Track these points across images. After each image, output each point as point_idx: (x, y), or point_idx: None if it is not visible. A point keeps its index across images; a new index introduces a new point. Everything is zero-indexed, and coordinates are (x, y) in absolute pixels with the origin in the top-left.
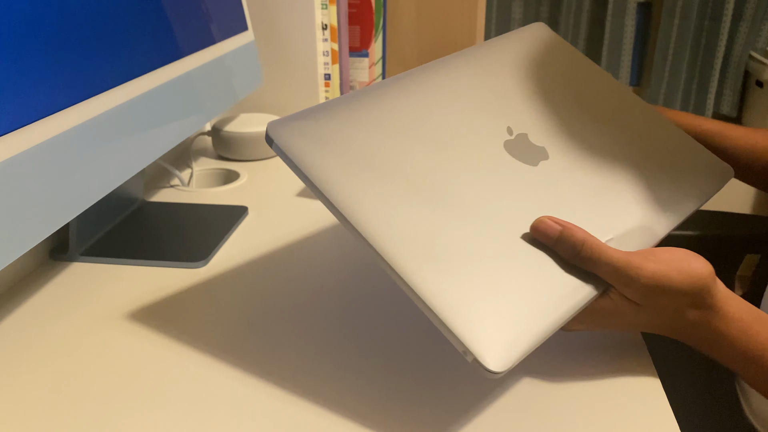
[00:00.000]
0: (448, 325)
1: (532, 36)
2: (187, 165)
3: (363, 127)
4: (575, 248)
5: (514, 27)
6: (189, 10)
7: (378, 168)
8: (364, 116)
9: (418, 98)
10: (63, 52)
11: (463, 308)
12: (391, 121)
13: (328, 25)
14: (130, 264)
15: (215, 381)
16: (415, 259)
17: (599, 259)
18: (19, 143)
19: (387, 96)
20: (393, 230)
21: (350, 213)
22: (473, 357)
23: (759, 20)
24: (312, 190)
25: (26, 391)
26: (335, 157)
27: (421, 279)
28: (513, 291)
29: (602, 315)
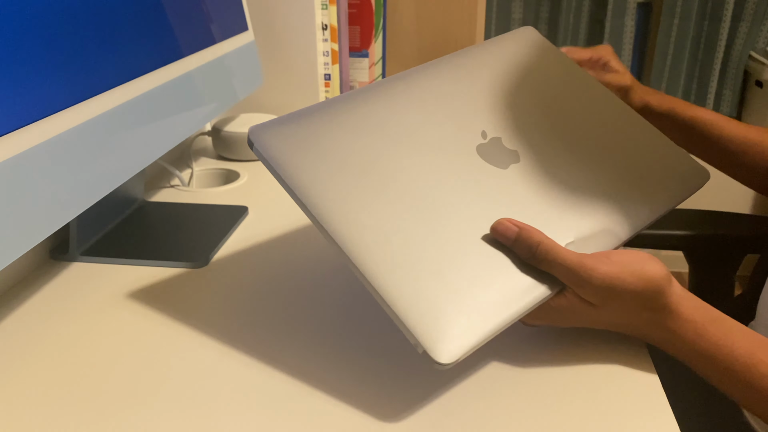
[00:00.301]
0: (401, 318)
1: (519, 40)
2: (187, 165)
3: (341, 131)
4: (531, 249)
5: (514, 27)
6: (189, 11)
7: (350, 169)
8: (343, 120)
9: (397, 103)
10: (63, 52)
11: (416, 302)
12: (369, 125)
13: (328, 26)
14: (131, 264)
15: (215, 380)
16: (375, 255)
17: (554, 260)
18: (20, 143)
19: (367, 101)
20: (356, 228)
21: (318, 212)
22: (423, 349)
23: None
24: (285, 188)
25: (27, 391)
26: (310, 160)
27: (378, 274)
28: (468, 287)
29: (559, 313)
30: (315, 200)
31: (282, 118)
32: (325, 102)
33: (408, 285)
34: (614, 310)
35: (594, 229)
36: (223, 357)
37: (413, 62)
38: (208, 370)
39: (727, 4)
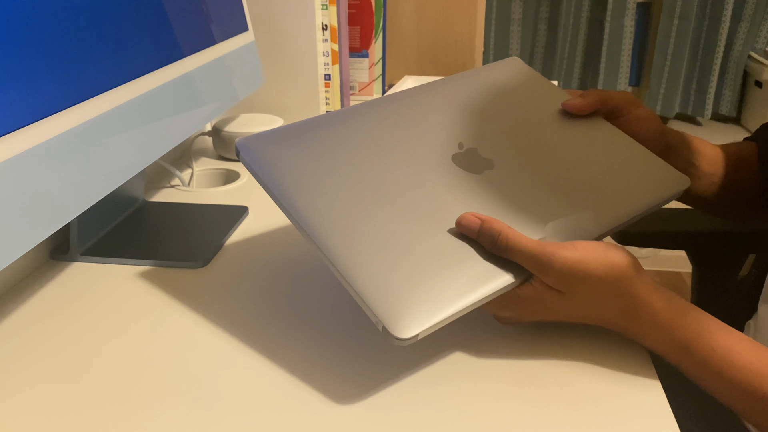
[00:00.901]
0: (362, 296)
1: (504, 69)
2: (187, 165)
3: (322, 142)
4: (493, 238)
5: (514, 27)
6: (190, 11)
7: (326, 170)
8: (325, 133)
9: (378, 120)
10: (64, 52)
11: (378, 283)
12: (349, 138)
13: (328, 26)
14: (131, 264)
15: (215, 380)
16: (340, 240)
17: (515, 247)
18: (21, 143)
19: (351, 119)
20: (323, 216)
21: (288, 202)
22: (382, 326)
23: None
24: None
25: (27, 391)
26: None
27: (342, 257)
28: (432, 272)
29: (526, 302)
30: (288, 193)
31: (267, 131)
32: (308, 119)
33: (371, 267)
34: (581, 297)
35: (565, 227)
36: (223, 356)
37: (413, 62)
38: (208, 369)
39: (727, 4)
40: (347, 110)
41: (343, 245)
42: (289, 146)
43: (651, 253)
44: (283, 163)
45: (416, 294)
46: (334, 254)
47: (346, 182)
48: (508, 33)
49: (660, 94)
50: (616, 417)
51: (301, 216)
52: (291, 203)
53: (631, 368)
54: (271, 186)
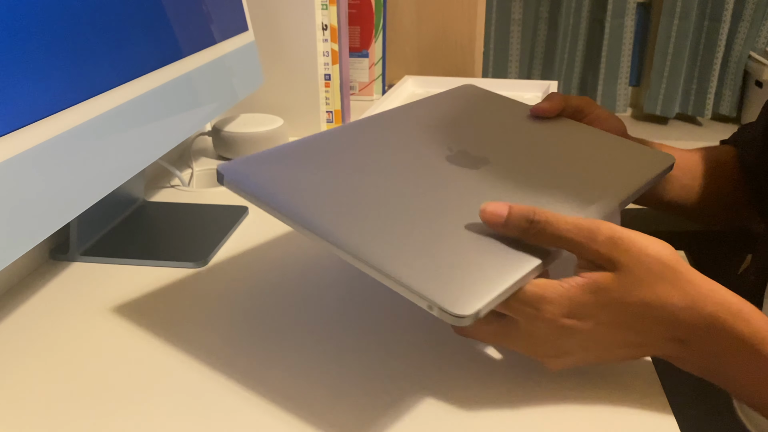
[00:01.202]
0: (408, 285)
1: (463, 93)
2: (187, 165)
3: (315, 161)
4: (527, 218)
5: (514, 27)
6: (189, 11)
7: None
8: (314, 154)
9: (360, 139)
10: (64, 52)
11: (421, 270)
12: (341, 154)
13: (328, 26)
14: (131, 264)
15: (215, 381)
16: (367, 240)
17: (556, 221)
18: (20, 143)
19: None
20: (344, 224)
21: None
22: (438, 307)
23: (758, 21)
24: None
25: (26, 391)
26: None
27: (374, 253)
28: (468, 255)
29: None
30: (296, 205)
31: (245, 156)
32: (285, 144)
33: (408, 258)
34: (637, 276)
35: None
36: (223, 357)
37: (413, 62)
38: (208, 369)
39: (727, 4)
40: (322, 135)
41: (371, 242)
42: (277, 164)
43: None
44: (279, 179)
45: (464, 274)
46: (365, 252)
47: (350, 189)
48: (508, 33)
49: (660, 94)
50: (614, 413)
51: (318, 224)
52: (302, 214)
53: (629, 363)
54: (273, 201)
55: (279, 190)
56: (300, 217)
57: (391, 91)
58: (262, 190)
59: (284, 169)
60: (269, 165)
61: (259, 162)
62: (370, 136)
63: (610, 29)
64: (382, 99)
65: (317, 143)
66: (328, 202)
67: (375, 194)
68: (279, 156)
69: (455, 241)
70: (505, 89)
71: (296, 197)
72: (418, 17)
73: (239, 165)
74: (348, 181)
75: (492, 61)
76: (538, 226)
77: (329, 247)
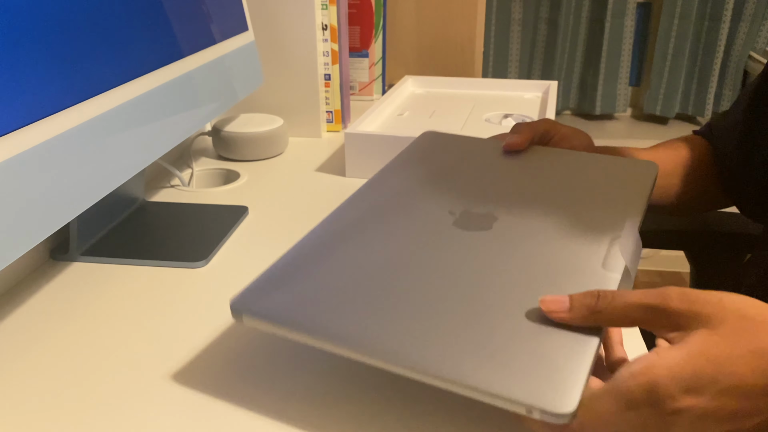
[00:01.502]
0: (500, 394)
1: (425, 142)
2: (187, 165)
3: (326, 265)
4: (592, 293)
5: (514, 27)
6: (189, 11)
7: (355, 294)
8: (320, 255)
9: (359, 227)
10: (64, 52)
11: (499, 371)
12: (349, 251)
13: (328, 26)
14: (131, 264)
15: (215, 381)
16: (431, 352)
17: (622, 292)
18: (21, 143)
19: (335, 232)
20: (392, 338)
21: (348, 342)
22: (540, 410)
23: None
24: (305, 343)
25: (26, 391)
26: (311, 300)
27: (443, 366)
28: (530, 343)
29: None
30: (344, 332)
31: (256, 281)
32: (287, 254)
33: (478, 360)
34: (733, 326)
35: (600, 245)
36: (223, 357)
37: (413, 62)
38: (209, 369)
39: (727, 4)
40: (317, 231)
41: (436, 354)
42: (292, 282)
43: (651, 253)
44: (303, 299)
45: (544, 368)
46: (433, 367)
47: (381, 292)
48: (508, 33)
49: (660, 94)
50: None
51: (373, 346)
52: (350, 337)
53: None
54: (312, 328)
55: (310, 313)
56: (350, 342)
57: (391, 91)
58: (293, 318)
59: (302, 286)
60: (285, 286)
61: (271, 286)
62: (367, 222)
63: (610, 29)
64: (382, 99)
65: (317, 243)
66: (368, 315)
67: (407, 292)
68: (288, 271)
69: (509, 331)
70: (505, 89)
71: (332, 317)
72: (418, 17)
73: (253, 296)
74: (373, 282)
75: (492, 61)
76: (605, 300)
77: (393, 368)
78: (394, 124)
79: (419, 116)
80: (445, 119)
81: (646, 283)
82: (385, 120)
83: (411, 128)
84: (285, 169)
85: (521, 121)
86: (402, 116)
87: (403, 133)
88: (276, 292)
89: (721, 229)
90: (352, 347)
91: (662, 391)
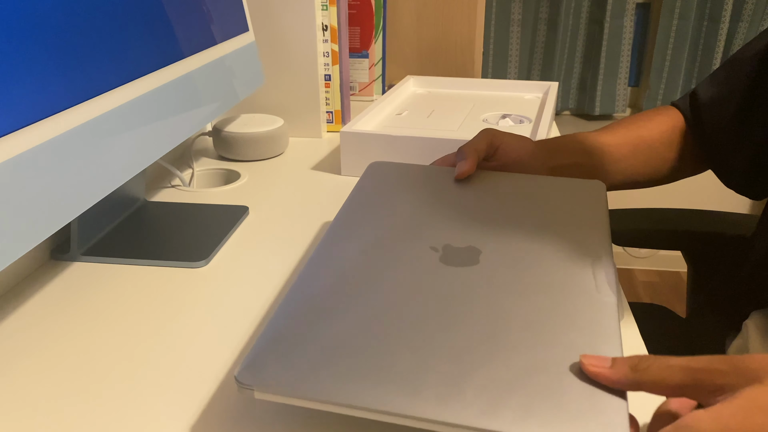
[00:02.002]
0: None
1: (377, 176)
2: (188, 165)
3: (323, 325)
4: (635, 358)
5: (514, 27)
6: (190, 12)
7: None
8: (313, 312)
9: (342, 274)
10: (65, 52)
11: (543, 425)
12: (341, 305)
13: (328, 26)
14: (131, 264)
15: (216, 380)
16: (471, 406)
17: (667, 361)
18: (21, 143)
19: (323, 288)
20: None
21: (387, 407)
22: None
23: (757, 21)
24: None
25: (27, 391)
26: (322, 365)
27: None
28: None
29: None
30: (367, 398)
31: (256, 350)
32: (280, 309)
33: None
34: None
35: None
36: (223, 357)
37: (413, 62)
38: (209, 369)
39: (726, 4)
40: (303, 282)
41: (471, 407)
42: (295, 348)
43: (650, 253)
44: (309, 364)
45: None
46: (473, 420)
47: (393, 346)
48: (508, 33)
49: (659, 94)
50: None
51: (399, 404)
52: (368, 400)
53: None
54: (324, 399)
55: (323, 378)
56: (375, 404)
57: (392, 90)
58: (307, 387)
59: (305, 348)
60: (288, 351)
61: (273, 353)
62: (354, 269)
63: (610, 30)
64: (382, 98)
65: (308, 296)
66: (387, 373)
67: (419, 340)
68: (286, 333)
69: (540, 379)
70: (505, 89)
71: (348, 381)
72: (418, 18)
73: (258, 367)
74: (382, 335)
75: (491, 61)
76: (647, 361)
77: (426, 425)
78: (392, 123)
79: (418, 116)
80: (444, 119)
81: (645, 282)
82: (384, 119)
83: (408, 128)
84: (285, 170)
85: (519, 121)
86: (401, 116)
87: (400, 132)
88: (281, 360)
89: (717, 229)
90: (378, 408)
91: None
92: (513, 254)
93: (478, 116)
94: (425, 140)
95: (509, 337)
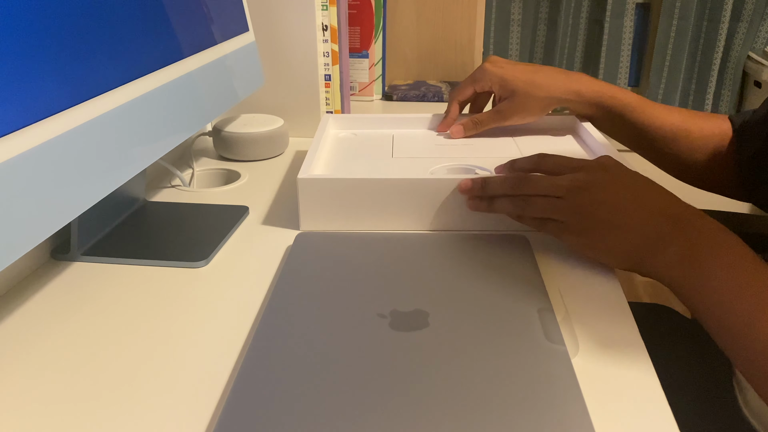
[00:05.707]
0: None
1: (307, 248)
2: (188, 165)
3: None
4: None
5: (514, 28)
6: (190, 12)
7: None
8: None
9: (293, 354)
10: (65, 52)
11: None
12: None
13: (328, 26)
14: (132, 264)
15: (216, 380)
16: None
17: (540, 157)
18: (22, 143)
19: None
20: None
21: None
22: None
23: (757, 21)
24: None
25: (27, 390)
26: None
27: None
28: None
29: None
30: None
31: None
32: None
33: None
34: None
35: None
36: (224, 357)
37: (413, 62)
38: (209, 369)
39: (726, 4)
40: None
41: None
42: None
43: None
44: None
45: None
46: None
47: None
48: (508, 33)
49: (659, 94)
50: (613, 413)
51: None
52: None
53: (629, 363)
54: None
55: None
56: None
57: (318, 134)
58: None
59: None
60: None
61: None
62: (304, 349)
63: (610, 30)
64: (315, 140)
65: (267, 380)
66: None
67: (388, 414)
68: (248, 420)
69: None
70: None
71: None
72: (418, 18)
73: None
74: (350, 414)
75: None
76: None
77: None
78: (346, 141)
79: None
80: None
81: (645, 282)
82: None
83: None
84: (285, 170)
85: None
86: (355, 133)
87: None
88: None
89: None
90: None
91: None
92: (460, 313)
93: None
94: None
95: (475, 401)
